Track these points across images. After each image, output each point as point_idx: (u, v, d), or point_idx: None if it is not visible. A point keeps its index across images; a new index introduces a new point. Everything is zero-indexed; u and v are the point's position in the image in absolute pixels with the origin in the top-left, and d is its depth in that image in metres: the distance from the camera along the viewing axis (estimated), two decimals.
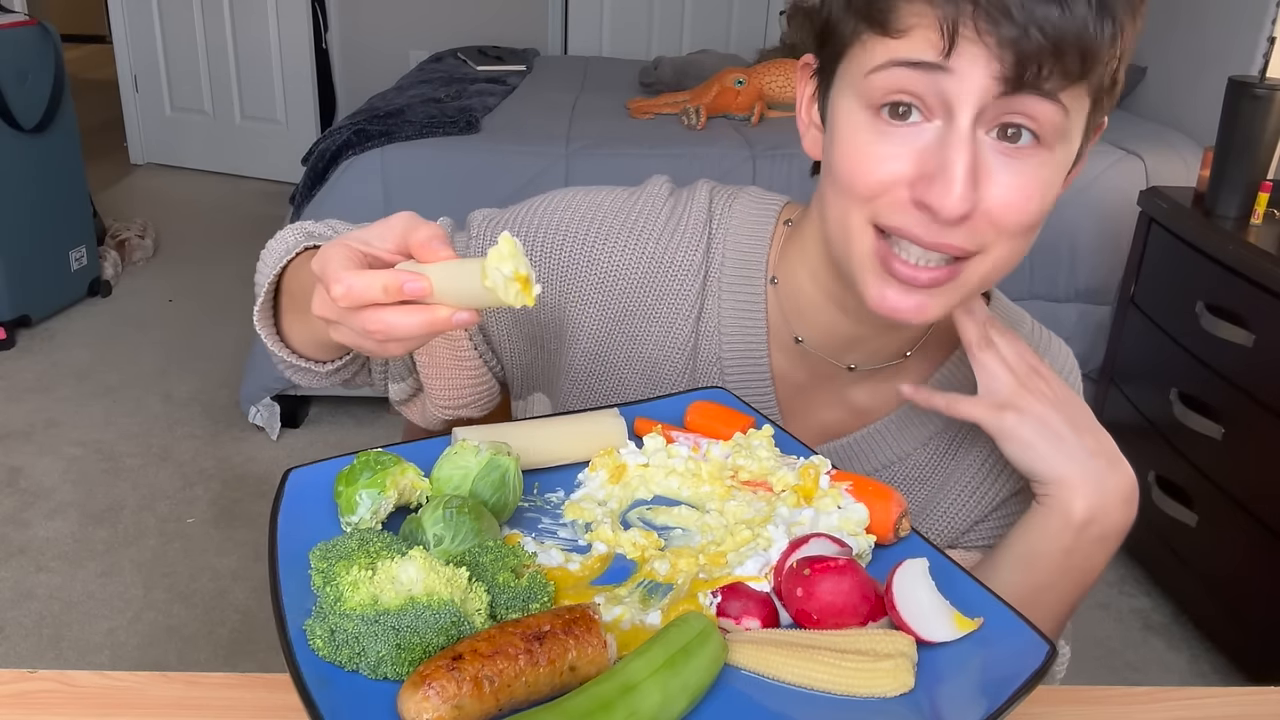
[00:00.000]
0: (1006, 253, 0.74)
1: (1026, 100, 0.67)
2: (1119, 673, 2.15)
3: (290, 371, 0.87)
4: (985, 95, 0.67)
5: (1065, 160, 0.73)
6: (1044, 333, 0.96)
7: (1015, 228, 0.72)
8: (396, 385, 0.93)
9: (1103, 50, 0.67)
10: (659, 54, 3.86)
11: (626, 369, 0.91)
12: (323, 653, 0.54)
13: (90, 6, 6.84)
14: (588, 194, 0.92)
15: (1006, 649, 0.57)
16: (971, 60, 0.67)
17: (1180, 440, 2.18)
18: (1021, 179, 0.70)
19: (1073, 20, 0.64)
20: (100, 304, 3.61)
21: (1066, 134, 0.71)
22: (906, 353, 0.89)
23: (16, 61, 3.15)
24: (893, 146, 0.71)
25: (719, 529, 0.67)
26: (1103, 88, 0.71)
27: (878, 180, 0.71)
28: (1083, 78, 0.67)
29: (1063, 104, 0.68)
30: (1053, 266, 2.74)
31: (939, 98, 0.68)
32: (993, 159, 0.70)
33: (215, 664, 2.04)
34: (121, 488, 2.59)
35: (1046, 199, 0.72)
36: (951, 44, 0.66)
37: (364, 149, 2.64)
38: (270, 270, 0.83)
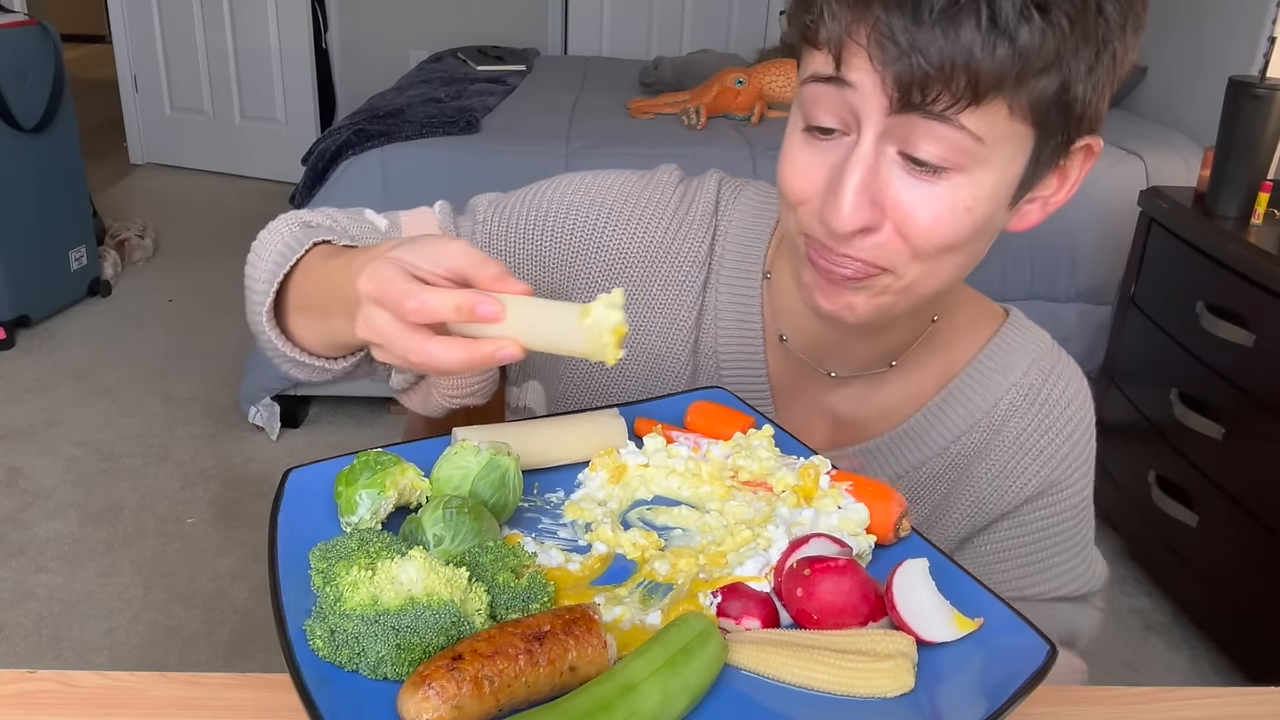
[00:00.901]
0: (923, 273, 0.73)
1: (924, 121, 0.66)
2: (1119, 673, 2.15)
3: (293, 368, 0.85)
4: (882, 113, 0.67)
5: (990, 184, 0.70)
6: (1060, 357, 0.93)
7: (925, 248, 0.71)
8: (400, 375, 0.91)
9: (999, 71, 0.64)
10: (659, 54, 3.86)
11: (628, 360, 0.90)
12: (323, 653, 0.54)
13: (90, 6, 6.84)
14: (597, 178, 0.91)
15: (1006, 649, 0.57)
16: (863, 84, 0.67)
17: (1180, 440, 2.18)
18: (928, 199, 0.69)
19: (957, 44, 0.63)
20: (100, 304, 3.61)
21: (983, 157, 0.68)
22: (891, 362, 0.89)
23: (16, 61, 3.15)
24: (813, 157, 0.72)
25: (719, 529, 0.67)
26: (1041, 109, 0.68)
27: (799, 189, 0.73)
28: (976, 100, 0.65)
29: (964, 127, 0.66)
30: (1053, 266, 2.74)
31: (850, 112, 0.69)
32: (898, 178, 0.69)
33: (215, 664, 2.04)
34: (121, 488, 2.59)
35: (961, 222, 0.70)
36: (838, 63, 0.68)
37: (364, 149, 2.64)
38: (274, 266, 0.80)
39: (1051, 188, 0.76)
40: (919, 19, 0.63)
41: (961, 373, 0.90)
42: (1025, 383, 0.90)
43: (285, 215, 0.85)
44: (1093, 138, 0.74)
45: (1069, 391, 0.91)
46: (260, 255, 0.82)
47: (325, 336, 0.79)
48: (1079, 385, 0.93)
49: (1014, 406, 0.90)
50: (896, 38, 0.64)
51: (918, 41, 0.64)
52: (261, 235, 0.84)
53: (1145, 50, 3.16)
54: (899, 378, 0.90)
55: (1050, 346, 0.93)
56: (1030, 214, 0.78)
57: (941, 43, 0.63)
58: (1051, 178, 0.75)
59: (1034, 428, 0.90)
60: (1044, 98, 0.67)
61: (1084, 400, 0.93)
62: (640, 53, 4.55)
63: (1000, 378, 0.90)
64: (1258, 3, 2.70)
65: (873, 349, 0.87)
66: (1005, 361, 0.91)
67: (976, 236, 0.73)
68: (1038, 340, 0.93)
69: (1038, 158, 0.72)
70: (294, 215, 0.85)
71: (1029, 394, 0.90)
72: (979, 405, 0.90)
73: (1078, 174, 0.76)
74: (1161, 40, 3.10)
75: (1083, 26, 0.66)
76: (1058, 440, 0.90)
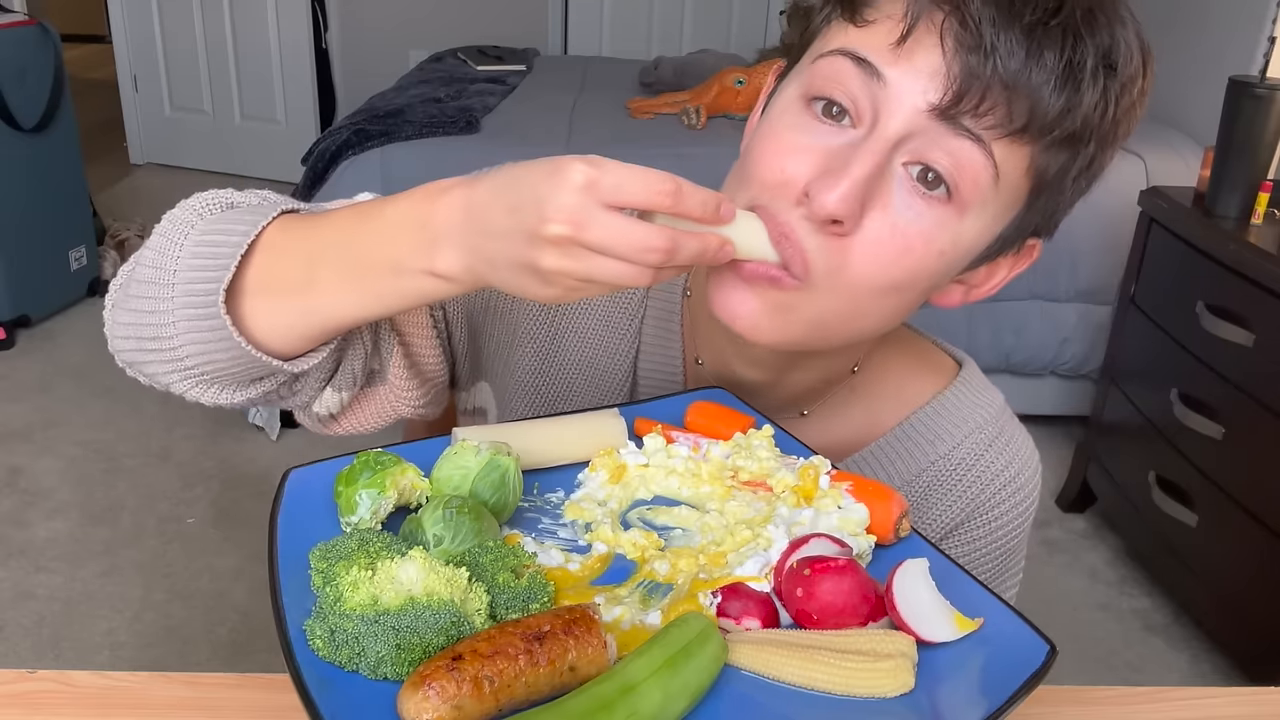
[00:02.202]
0: (847, 301, 0.67)
1: (954, 138, 0.63)
2: (1119, 673, 2.15)
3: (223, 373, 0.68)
4: (915, 114, 0.63)
5: (971, 236, 0.67)
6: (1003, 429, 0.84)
7: (874, 273, 0.66)
8: (335, 395, 0.77)
9: (1055, 115, 0.62)
10: (659, 54, 3.86)
11: (573, 373, 0.86)
12: (323, 653, 0.54)
13: (90, 6, 6.83)
14: None
15: (1006, 649, 0.57)
16: (914, 72, 0.63)
17: (1180, 440, 2.18)
18: (911, 224, 0.65)
19: (1036, 68, 0.61)
20: (100, 304, 3.58)
21: (984, 204, 0.65)
22: (803, 411, 0.84)
23: (16, 61, 3.15)
24: (806, 139, 0.66)
25: (719, 529, 0.67)
26: (1046, 176, 0.66)
27: (779, 168, 0.66)
28: (1021, 132, 0.63)
29: (992, 156, 0.63)
30: (1053, 266, 2.74)
31: (870, 104, 0.65)
32: (896, 191, 0.65)
33: (215, 664, 2.04)
34: (121, 488, 2.59)
35: (928, 261, 0.66)
36: (910, 31, 0.63)
37: (364, 149, 2.64)
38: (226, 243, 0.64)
39: (979, 278, 0.74)
40: (1011, 18, 0.61)
41: (886, 435, 0.83)
42: (954, 457, 0.82)
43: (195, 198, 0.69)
44: (1039, 241, 0.73)
45: (1004, 475, 0.83)
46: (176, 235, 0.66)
47: (296, 317, 0.65)
48: (1019, 469, 0.84)
49: (936, 482, 0.83)
50: (981, 28, 0.61)
51: (1000, 42, 0.61)
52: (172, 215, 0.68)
53: None
54: (811, 428, 0.84)
55: (994, 416, 0.85)
56: (953, 293, 0.74)
57: (1022, 58, 0.61)
58: (984, 268, 0.73)
59: (958, 513, 0.83)
60: (1053, 167, 0.66)
61: (1024, 482, 0.85)
62: (640, 53, 4.55)
63: (928, 448, 0.82)
64: (1258, 3, 2.70)
65: (781, 389, 0.81)
66: (937, 429, 0.83)
67: (926, 286, 0.69)
68: (983, 409, 0.84)
69: (1010, 233, 0.70)
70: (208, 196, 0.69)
71: (956, 469, 0.82)
72: (899, 475, 0.83)
73: (1008, 273, 0.74)
74: (1161, 40, 3.09)
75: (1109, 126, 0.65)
76: (982, 529, 0.83)
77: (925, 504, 0.83)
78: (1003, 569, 0.88)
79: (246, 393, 0.71)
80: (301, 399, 0.75)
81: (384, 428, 0.82)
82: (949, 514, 0.84)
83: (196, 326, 0.65)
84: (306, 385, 0.73)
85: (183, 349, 0.66)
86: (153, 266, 0.66)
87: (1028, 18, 0.61)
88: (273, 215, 0.65)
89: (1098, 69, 0.62)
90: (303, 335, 0.67)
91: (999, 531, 0.85)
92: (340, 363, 0.75)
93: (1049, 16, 0.61)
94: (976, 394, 0.85)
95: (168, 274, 0.65)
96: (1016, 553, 0.88)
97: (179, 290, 0.64)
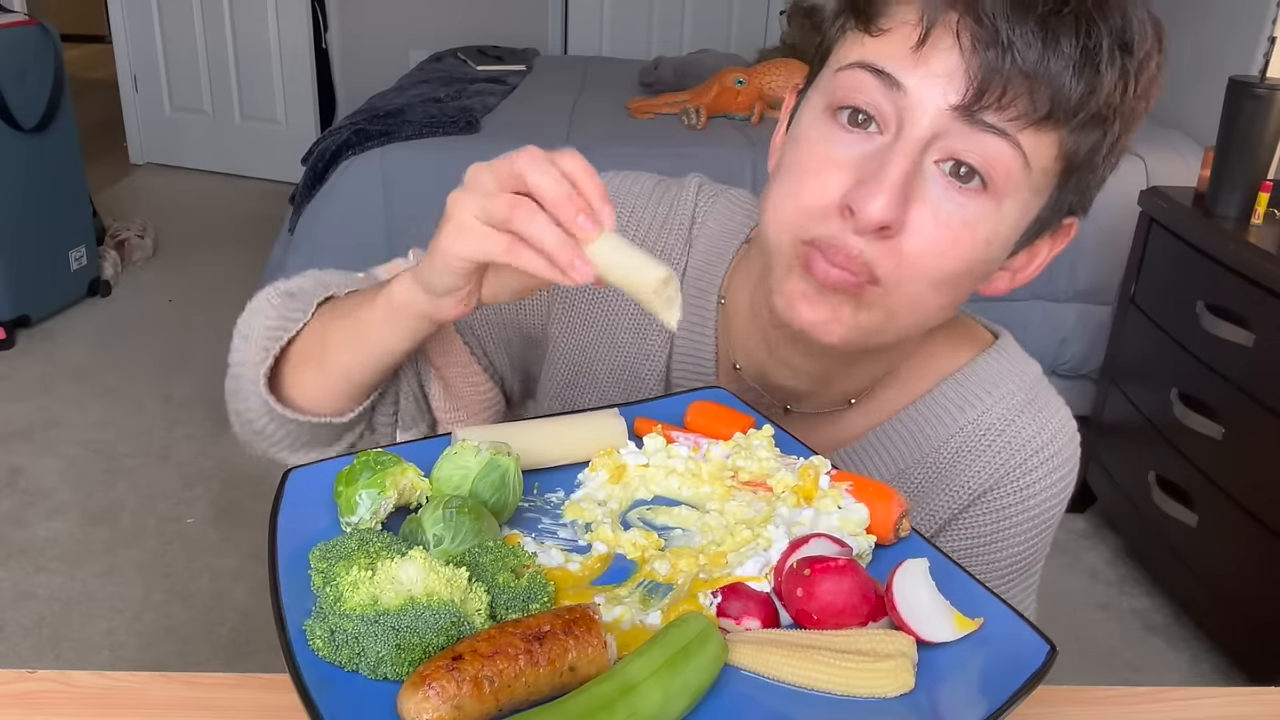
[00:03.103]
0: (912, 300, 0.69)
1: (980, 134, 0.65)
2: (1119, 673, 2.15)
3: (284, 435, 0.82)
4: (939, 115, 0.65)
5: (1011, 222, 0.69)
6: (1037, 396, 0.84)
7: (932, 270, 0.68)
8: (405, 435, 0.86)
9: (1078, 100, 0.63)
10: (659, 54, 3.86)
11: (605, 377, 0.88)
12: (323, 653, 0.54)
13: (90, 6, 6.83)
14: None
15: (1006, 649, 0.57)
16: (934, 75, 0.64)
17: (1180, 440, 2.18)
18: (954, 217, 0.67)
19: (1055, 54, 0.62)
20: (100, 304, 3.61)
21: (1018, 190, 0.67)
22: (850, 400, 0.84)
23: (16, 61, 3.15)
24: (837, 151, 0.68)
25: (719, 529, 0.67)
26: (1075, 161, 0.67)
27: (819, 181, 0.68)
28: (1045, 120, 0.64)
29: (1020, 146, 0.65)
30: (1053, 266, 2.71)
31: (895, 111, 0.66)
32: (933, 188, 0.67)
33: (215, 664, 2.04)
34: (121, 488, 2.59)
35: (977, 251, 0.68)
36: (927, 35, 0.64)
37: (364, 149, 2.64)
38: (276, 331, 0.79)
39: (1022, 262, 0.75)
40: (1024, 13, 0.62)
41: (915, 402, 0.83)
42: (985, 421, 0.81)
43: (265, 292, 0.85)
44: (1075, 219, 0.74)
45: (1035, 441, 0.82)
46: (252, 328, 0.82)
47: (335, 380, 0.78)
48: (1051, 436, 0.83)
49: (965, 447, 0.82)
50: (997, 25, 0.62)
51: (1016, 36, 0.62)
52: (246, 316, 0.84)
53: None
54: (857, 414, 0.85)
55: (1028, 383, 0.84)
56: (1000, 280, 0.76)
57: (1039, 48, 0.62)
58: (1024, 250, 0.74)
59: (986, 479, 0.82)
60: (1083, 149, 0.67)
61: (1057, 451, 0.83)
62: (640, 53, 4.55)
63: (957, 414, 0.82)
64: (1258, 3, 2.70)
65: (830, 390, 0.83)
66: (967, 394, 0.82)
67: (978, 274, 0.71)
68: (1016, 375, 0.84)
69: (1047, 215, 0.71)
70: (273, 288, 0.84)
71: (986, 434, 0.81)
72: (929, 439, 0.82)
73: (1048, 254, 0.75)
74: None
75: (1131, 103, 0.66)
76: (1011, 497, 0.82)
77: (953, 469, 0.82)
78: (1032, 550, 0.85)
79: (338, 445, 0.83)
80: (382, 436, 0.86)
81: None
82: (977, 480, 0.82)
83: (269, 411, 0.80)
84: (379, 432, 0.84)
85: (268, 428, 0.82)
86: (236, 365, 0.83)
87: (1040, 8, 0.62)
88: (311, 310, 0.79)
89: (1114, 50, 0.64)
90: (343, 397, 0.79)
91: (1030, 502, 0.83)
92: (398, 410, 0.85)
93: (1061, 5, 0.62)
94: (1011, 362, 0.85)
95: (248, 372, 0.81)
96: (1048, 529, 0.86)
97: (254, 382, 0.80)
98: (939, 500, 0.83)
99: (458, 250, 0.65)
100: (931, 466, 0.83)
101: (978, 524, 0.84)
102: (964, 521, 0.84)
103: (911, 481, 0.83)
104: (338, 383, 0.78)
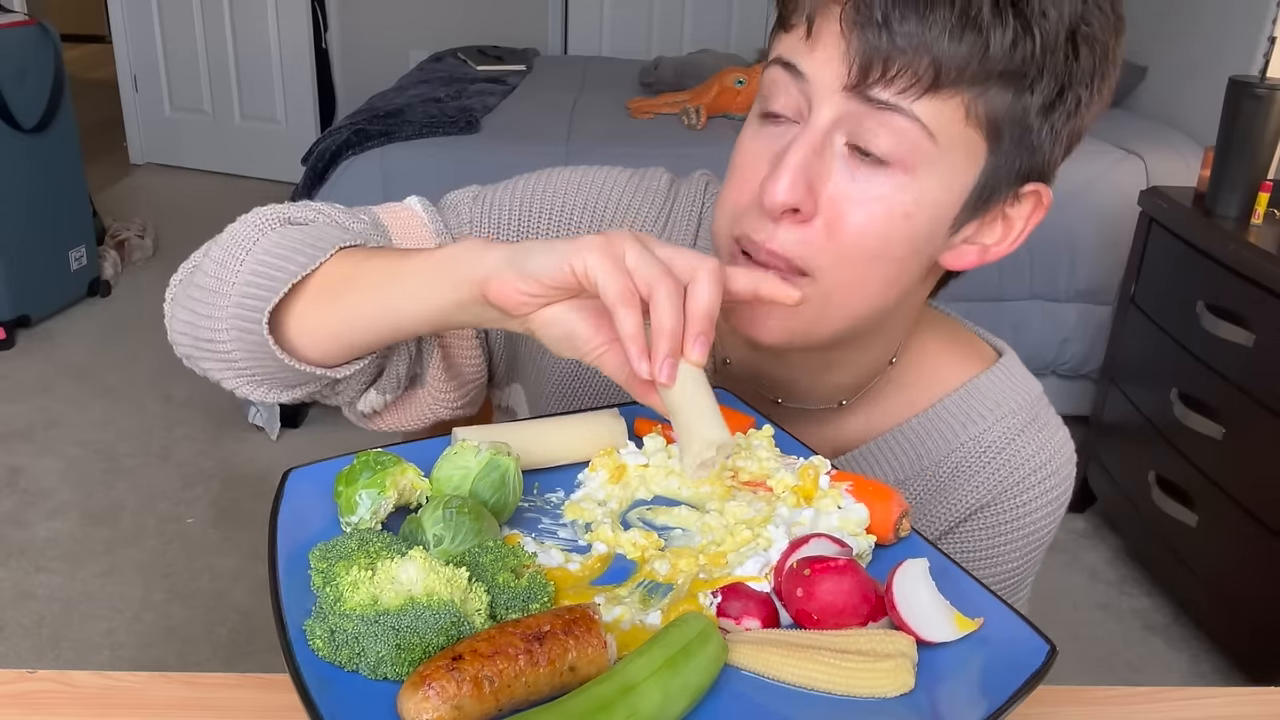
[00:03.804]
0: (845, 282, 0.71)
1: (878, 112, 0.66)
2: (1119, 673, 2.15)
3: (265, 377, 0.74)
4: (836, 98, 0.67)
5: (934, 195, 0.69)
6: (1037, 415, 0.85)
7: (852, 250, 0.69)
8: (378, 396, 0.82)
9: (962, 62, 0.64)
10: (659, 54, 3.86)
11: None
12: (323, 653, 0.54)
13: (90, 6, 6.83)
14: (587, 174, 0.89)
15: (1006, 649, 0.57)
16: (825, 60, 0.67)
17: (1180, 440, 2.18)
18: (866, 195, 0.68)
19: (927, 24, 0.64)
20: (100, 304, 3.61)
21: (931, 161, 0.68)
22: (841, 401, 0.85)
23: (16, 61, 3.15)
24: (761, 145, 0.72)
25: (719, 529, 0.67)
26: (998, 120, 0.67)
27: (744, 174, 0.72)
28: (936, 86, 0.65)
29: (918, 118, 0.66)
30: (1053, 266, 2.74)
31: (804, 100, 0.69)
32: (840, 166, 0.69)
33: (215, 664, 2.05)
34: (121, 488, 2.59)
35: (896, 226, 0.69)
36: (811, 24, 0.67)
37: (364, 149, 2.64)
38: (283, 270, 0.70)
39: (996, 236, 0.75)
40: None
41: (917, 416, 0.84)
42: (986, 439, 0.83)
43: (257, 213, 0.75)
44: (1044, 186, 0.73)
45: (1034, 460, 0.84)
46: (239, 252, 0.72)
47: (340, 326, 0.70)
48: (1049, 456, 0.84)
49: (965, 463, 0.83)
50: (872, 9, 0.64)
51: (890, 16, 0.64)
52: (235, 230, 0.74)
53: (1145, 50, 3.16)
54: (852, 417, 0.85)
55: (1029, 403, 0.85)
56: (967, 254, 0.75)
57: (914, 21, 0.64)
58: (997, 224, 0.74)
59: (985, 495, 0.83)
60: (1001, 109, 0.67)
61: (1056, 469, 0.85)
62: (640, 53, 4.55)
63: (960, 430, 0.83)
64: (1258, 3, 2.70)
65: (817, 385, 0.83)
66: (969, 412, 0.83)
67: (908, 250, 0.71)
68: (1018, 394, 0.85)
69: (988, 181, 0.70)
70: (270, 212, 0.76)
71: (986, 452, 0.83)
72: (929, 453, 0.83)
73: (1024, 225, 0.75)
74: (1161, 40, 3.10)
75: (1054, 58, 0.66)
76: (1009, 513, 0.84)
77: (953, 484, 0.84)
78: (1025, 565, 0.87)
79: (293, 393, 0.76)
80: (344, 399, 0.80)
81: (420, 428, 0.86)
82: (975, 495, 0.84)
83: (243, 336, 0.71)
84: (349, 387, 0.78)
85: (233, 353, 0.72)
86: (213, 276, 0.72)
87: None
88: (330, 252, 0.70)
89: (998, 8, 0.64)
90: (339, 350, 0.72)
91: (1027, 519, 0.84)
92: (384, 368, 0.79)
93: None
94: (1014, 380, 0.86)
95: (226, 285, 0.71)
96: (1041, 547, 0.87)
97: (233, 302, 0.71)
98: (936, 514, 0.85)
99: (587, 257, 0.60)
100: (931, 480, 0.84)
101: (973, 538, 0.85)
102: (959, 535, 0.86)
103: (910, 493, 0.84)
104: (339, 332, 0.71)
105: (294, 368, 0.71)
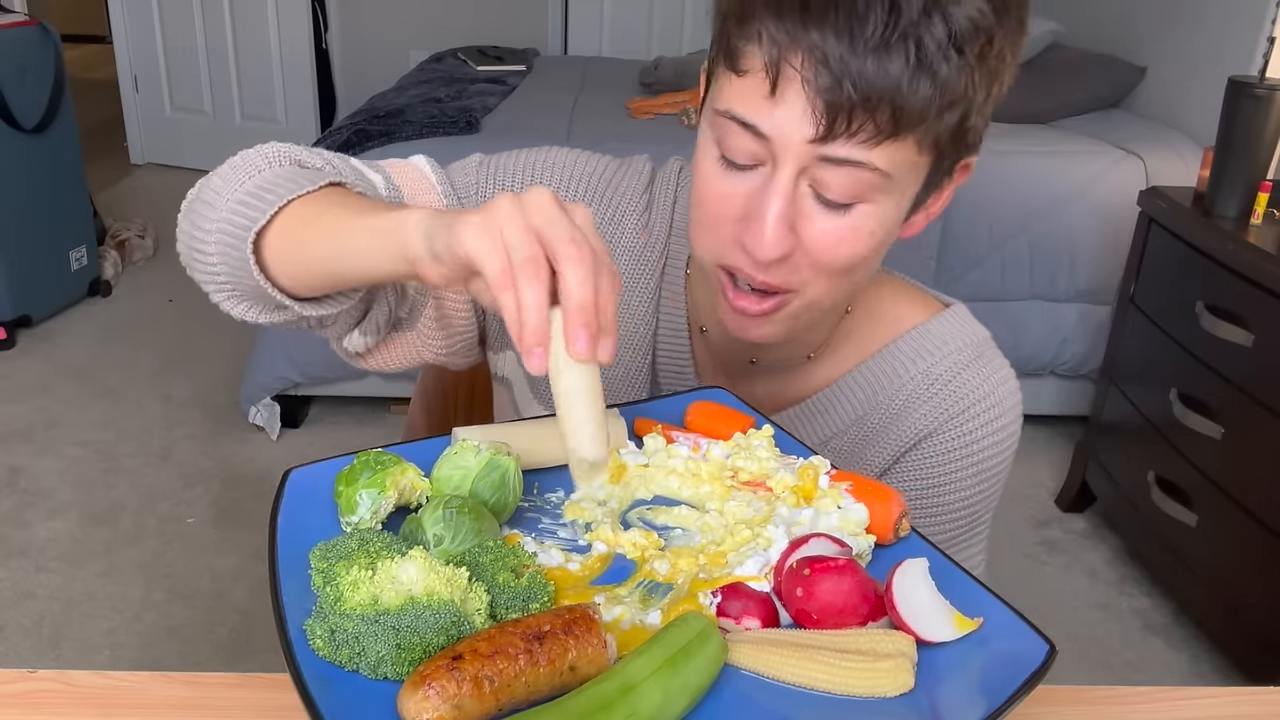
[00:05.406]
0: (826, 289, 0.77)
1: (836, 168, 0.70)
2: (1119, 673, 2.15)
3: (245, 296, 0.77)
4: (800, 149, 0.70)
5: (894, 212, 0.75)
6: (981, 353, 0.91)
7: (832, 269, 0.75)
8: (361, 337, 0.85)
9: (921, 107, 0.67)
10: (659, 54, 3.86)
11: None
12: (323, 653, 0.54)
13: (90, 6, 6.84)
14: (581, 155, 0.94)
15: (1006, 649, 0.57)
16: (786, 118, 0.69)
17: (1180, 440, 2.18)
18: (838, 229, 0.73)
19: (886, 76, 0.66)
20: (100, 304, 3.61)
21: (890, 191, 0.73)
22: (809, 355, 0.91)
23: (16, 61, 3.15)
24: (727, 187, 0.75)
25: (719, 529, 0.67)
26: (942, 141, 0.71)
27: (715, 213, 0.76)
28: (896, 134, 0.68)
29: (876, 167, 0.70)
30: (1053, 266, 2.74)
31: (766, 151, 0.72)
32: (812, 209, 0.73)
33: (215, 664, 2.05)
34: (121, 488, 2.59)
35: (866, 245, 0.75)
36: (775, 84, 0.69)
37: (364, 149, 2.64)
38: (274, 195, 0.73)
39: (937, 202, 0.80)
40: (854, 48, 0.66)
41: (871, 358, 0.91)
42: (933, 373, 0.89)
43: (269, 146, 0.80)
44: (973, 156, 0.78)
45: (978, 391, 0.89)
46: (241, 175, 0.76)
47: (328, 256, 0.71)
48: (992, 388, 0.90)
49: (914, 395, 0.89)
50: (831, 64, 0.66)
51: (850, 70, 0.66)
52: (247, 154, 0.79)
53: (1145, 50, 3.16)
54: (818, 366, 0.92)
55: (976, 342, 0.91)
56: (916, 223, 0.81)
57: (872, 74, 0.66)
58: (938, 196, 0.80)
59: (931, 423, 0.89)
60: (945, 132, 0.71)
61: (997, 403, 0.90)
62: (640, 53, 4.55)
63: (909, 365, 0.90)
64: (1258, 3, 2.69)
65: (789, 345, 0.88)
66: (919, 349, 0.90)
67: (878, 253, 0.78)
68: (965, 334, 0.91)
69: (930, 181, 0.76)
70: (281, 150, 0.80)
71: (933, 384, 0.89)
72: (883, 389, 0.90)
73: (950, 192, 0.80)
74: (1161, 40, 3.10)
75: (986, 65, 0.69)
76: (955, 441, 0.89)
77: (903, 414, 0.90)
78: (979, 498, 0.91)
79: (273, 316, 0.79)
80: (331, 334, 0.84)
81: (410, 368, 0.91)
82: (922, 423, 0.90)
83: (227, 252, 0.74)
84: (336, 325, 0.81)
85: (217, 266, 0.76)
86: (213, 191, 0.77)
87: (871, 38, 0.66)
88: (320, 184, 0.73)
89: (946, 53, 0.67)
90: (305, 283, 0.74)
91: (973, 447, 0.89)
92: (368, 312, 0.82)
93: (890, 30, 0.66)
94: (963, 324, 0.92)
95: (222, 200, 0.75)
96: (990, 484, 0.92)
97: (222, 217, 0.74)
98: (889, 441, 0.91)
99: (468, 242, 0.60)
100: (885, 412, 0.90)
101: (921, 466, 0.90)
102: (908, 463, 0.91)
103: (866, 426, 0.91)
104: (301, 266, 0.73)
105: (268, 293, 0.73)
